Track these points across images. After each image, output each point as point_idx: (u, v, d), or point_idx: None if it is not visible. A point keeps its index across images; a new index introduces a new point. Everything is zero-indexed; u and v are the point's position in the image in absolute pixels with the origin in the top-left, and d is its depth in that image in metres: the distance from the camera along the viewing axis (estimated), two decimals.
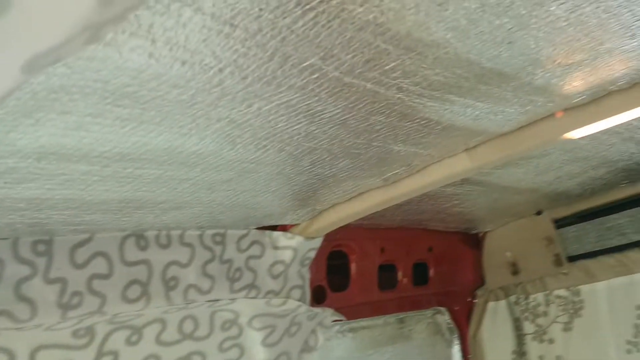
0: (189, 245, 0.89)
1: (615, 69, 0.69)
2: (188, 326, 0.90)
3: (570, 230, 1.59)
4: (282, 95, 0.52)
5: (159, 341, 0.84)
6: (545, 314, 1.63)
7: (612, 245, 1.51)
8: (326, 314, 1.18)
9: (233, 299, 0.96)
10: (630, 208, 1.48)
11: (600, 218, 1.53)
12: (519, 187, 1.32)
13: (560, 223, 1.62)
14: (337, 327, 1.32)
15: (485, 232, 1.77)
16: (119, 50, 0.39)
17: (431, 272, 1.62)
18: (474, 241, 1.78)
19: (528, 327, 1.65)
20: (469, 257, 1.76)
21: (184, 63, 0.42)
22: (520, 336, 1.67)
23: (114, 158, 0.57)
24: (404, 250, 1.49)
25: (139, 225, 0.81)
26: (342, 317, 1.23)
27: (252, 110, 0.54)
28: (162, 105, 0.48)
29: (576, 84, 0.72)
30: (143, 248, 0.83)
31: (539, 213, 1.65)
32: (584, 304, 1.55)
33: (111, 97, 0.45)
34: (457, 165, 0.94)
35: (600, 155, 1.17)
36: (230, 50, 0.42)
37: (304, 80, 0.50)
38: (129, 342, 0.81)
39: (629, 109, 0.77)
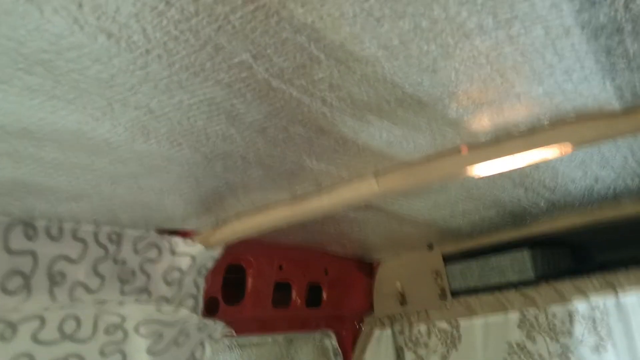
0: (82, 240, 0.83)
1: (519, 113, 0.75)
2: (69, 326, 0.83)
3: (457, 266, 1.67)
4: (207, 90, 0.51)
5: (35, 339, 0.77)
6: (426, 345, 1.69)
7: (492, 284, 1.61)
8: (217, 327, 1.15)
9: (122, 302, 0.91)
10: (512, 250, 1.58)
11: (485, 257, 1.63)
12: (416, 220, 1.37)
13: (448, 258, 1.70)
14: (226, 342, 1.29)
15: (379, 261, 1.81)
16: (41, 7, 0.36)
17: (324, 295, 1.63)
18: (368, 269, 1.82)
19: (409, 356, 1.70)
20: (361, 284, 1.80)
21: (110, 36, 0.40)
22: None
23: (15, 134, 0.52)
24: (301, 269, 1.49)
25: (29, 212, 0.74)
26: (232, 332, 1.20)
27: (173, 102, 0.52)
28: (78, 81, 0.45)
29: (484, 122, 0.77)
30: (31, 238, 0.77)
31: (430, 247, 1.73)
32: (462, 338, 1.63)
33: (24, 63, 0.41)
34: (365, 189, 0.96)
35: (493, 197, 1.25)
36: (162, 31, 0.41)
37: (232, 78, 0.49)
38: (1, 337, 0.74)
39: (525, 152, 0.83)
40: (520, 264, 1.58)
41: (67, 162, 0.62)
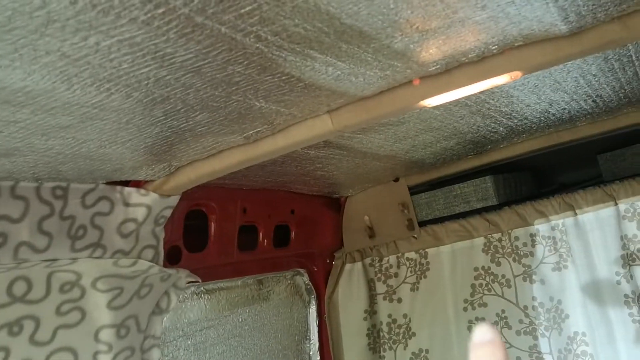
0: (22, 198, 0.80)
1: (466, 40, 0.72)
2: (19, 288, 0.81)
3: (423, 197, 1.69)
4: (123, 30, 0.46)
5: None
6: (396, 275, 1.73)
7: (458, 212, 1.63)
8: (180, 275, 1.14)
9: (74, 259, 0.89)
10: (475, 178, 1.60)
11: (449, 186, 1.64)
12: (378, 154, 1.36)
13: (414, 190, 1.71)
14: (192, 289, 1.29)
15: (346, 197, 1.82)
16: None
17: (292, 234, 1.64)
18: (335, 205, 1.83)
19: (380, 288, 1.74)
20: (329, 221, 1.81)
21: None
22: (372, 296, 1.75)
23: None
24: (266, 211, 1.49)
25: None
26: (198, 279, 1.20)
27: (88, 45, 0.48)
28: None
29: (432, 52, 0.74)
30: None
31: (396, 180, 1.73)
32: (430, 266, 1.66)
33: None
34: (319, 127, 0.94)
35: (452, 126, 1.24)
36: None
37: (148, 15, 0.45)
38: None
39: (477, 81, 0.81)
40: (483, 190, 1.60)
41: None
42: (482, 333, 0.40)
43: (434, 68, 0.80)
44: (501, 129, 1.38)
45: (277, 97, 0.79)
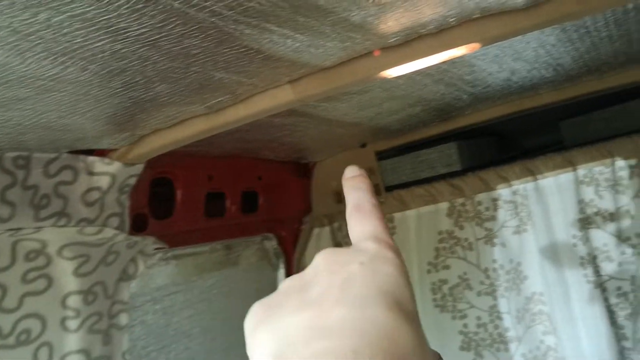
0: None
1: (424, 13, 0.73)
2: None
3: (389, 163, 1.72)
4: (73, 5, 0.46)
5: None
6: None
7: (423, 177, 1.67)
8: (147, 242, 1.16)
9: (39, 228, 0.89)
10: (440, 144, 1.63)
11: (415, 152, 1.67)
12: (344, 121, 1.37)
13: (381, 156, 1.73)
14: (159, 255, 1.31)
15: (315, 162, 1.84)
16: None
17: (260, 200, 1.65)
18: (304, 171, 1.85)
19: None
20: (298, 186, 1.83)
21: None
22: None
23: None
24: (233, 178, 1.50)
25: None
26: (165, 245, 1.22)
27: (39, 21, 0.48)
28: None
29: (390, 24, 0.75)
30: None
31: (363, 146, 1.76)
32: (396, 230, 1.71)
33: None
34: (281, 97, 0.94)
35: (415, 95, 1.26)
36: None
37: None
38: None
39: (436, 53, 0.83)
40: (448, 156, 1.63)
41: None
42: (351, 170, 0.51)
43: (393, 40, 0.81)
44: (465, 96, 1.40)
45: (237, 68, 0.79)
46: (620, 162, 1.49)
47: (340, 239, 1.80)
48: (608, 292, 1.48)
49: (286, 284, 0.39)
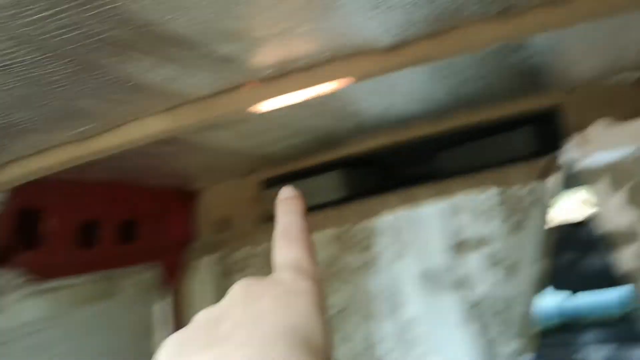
0: None
1: (296, 48, 0.75)
2: None
3: (276, 190, 1.72)
4: None
5: None
6: (250, 266, 1.75)
7: (309, 205, 1.68)
8: (12, 275, 1.07)
9: None
10: (325, 172, 1.66)
11: (300, 180, 1.69)
12: (228, 149, 1.36)
13: (267, 184, 1.74)
14: (28, 288, 1.20)
15: (200, 189, 1.80)
16: None
17: (141, 229, 1.59)
18: (188, 198, 1.80)
19: (232, 281, 1.74)
20: (182, 214, 1.78)
21: None
22: (224, 290, 1.75)
23: None
24: (110, 206, 1.43)
25: None
26: (35, 277, 1.13)
27: None
28: None
29: (262, 58, 0.76)
30: None
31: (250, 173, 1.75)
32: None
33: None
34: (156, 126, 0.92)
35: (298, 124, 1.28)
36: None
37: None
38: None
39: (310, 86, 0.85)
40: (332, 185, 1.67)
41: None
42: (286, 191, 0.49)
43: (267, 73, 0.82)
44: (347, 126, 1.44)
45: (104, 95, 0.76)
46: (490, 192, 1.60)
47: (226, 268, 1.77)
48: (480, 315, 1.57)
49: (199, 317, 0.38)
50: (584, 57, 1.21)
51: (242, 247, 1.75)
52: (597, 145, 1.44)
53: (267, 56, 0.75)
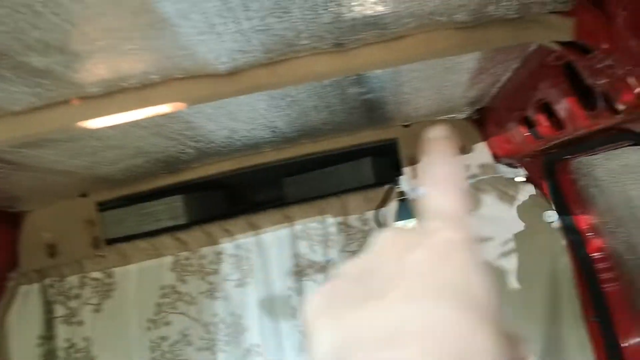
0: None
1: (122, 67, 0.71)
2: None
3: (112, 214, 1.62)
4: None
5: None
6: (78, 296, 1.61)
7: (148, 230, 1.61)
8: None
9: None
10: (166, 196, 1.60)
11: (140, 204, 1.61)
12: (54, 169, 1.25)
13: (103, 206, 1.63)
14: None
15: (26, 212, 1.64)
16: None
17: None
18: (11, 220, 1.63)
19: (60, 310, 1.60)
20: (3, 237, 1.60)
21: None
22: (50, 320, 1.60)
23: None
24: None
25: None
26: None
27: None
28: None
29: (86, 74, 0.71)
30: None
31: (84, 195, 1.63)
32: (116, 286, 1.60)
33: None
34: None
35: (134, 146, 1.22)
36: None
37: None
38: None
39: (140, 107, 0.81)
40: (174, 209, 1.61)
41: None
42: (439, 130, 0.39)
43: (93, 90, 0.77)
44: (190, 150, 1.41)
45: None
46: (330, 219, 1.66)
47: (52, 298, 1.62)
48: None
49: (347, 269, 0.34)
50: (417, 97, 1.31)
51: (72, 275, 1.61)
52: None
53: (92, 73, 0.71)
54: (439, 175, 0.37)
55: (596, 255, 1.46)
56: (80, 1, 0.51)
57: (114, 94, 0.79)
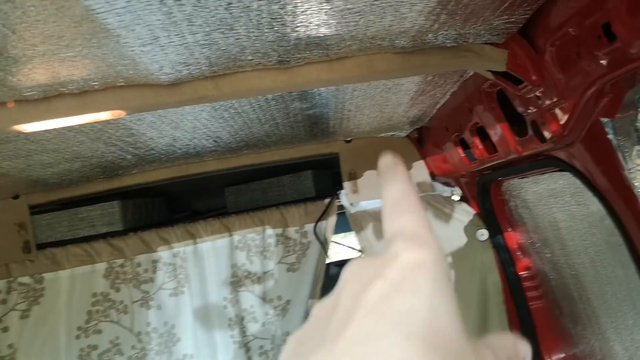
0: None
1: (60, 72, 0.70)
2: None
3: (45, 218, 1.57)
4: None
5: None
6: (4, 301, 1.55)
7: (82, 235, 1.57)
8: None
9: None
10: (103, 202, 1.57)
11: (75, 208, 1.57)
12: None
13: (36, 209, 1.58)
14: None
15: None
16: None
17: None
18: None
19: None
20: None
21: None
22: None
23: None
24: None
25: None
26: None
27: None
28: None
29: (22, 77, 0.70)
30: None
31: (16, 197, 1.57)
32: (45, 292, 1.55)
33: None
34: None
35: (71, 150, 1.19)
36: None
37: None
38: None
39: (78, 113, 0.80)
40: (110, 215, 1.58)
41: None
42: (387, 158, 0.40)
43: (29, 93, 0.76)
44: (129, 156, 1.39)
45: None
46: (269, 231, 1.67)
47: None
48: (252, 352, 1.60)
49: (315, 310, 0.34)
50: (359, 114, 1.35)
51: (1, 278, 1.55)
52: (363, 194, 1.60)
53: (30, 77, 0.70)
54: (395, 197, 0.37)
55: (524, 273, 1.54)
56: (20, 7, 0.51)
57: (52, 98, 0.78)
